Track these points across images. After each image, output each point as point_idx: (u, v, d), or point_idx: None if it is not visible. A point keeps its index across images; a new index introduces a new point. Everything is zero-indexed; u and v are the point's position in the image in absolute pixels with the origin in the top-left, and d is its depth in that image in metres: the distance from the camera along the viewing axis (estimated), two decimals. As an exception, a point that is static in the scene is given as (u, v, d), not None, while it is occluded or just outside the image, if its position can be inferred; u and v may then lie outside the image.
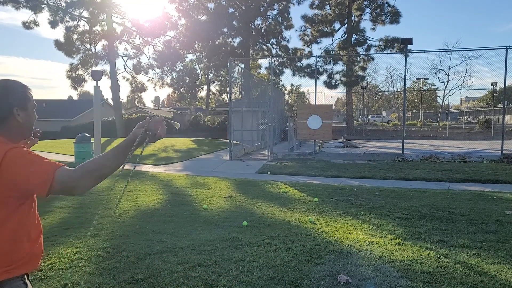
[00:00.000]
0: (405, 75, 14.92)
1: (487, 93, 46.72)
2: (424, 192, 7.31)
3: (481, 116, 47.10)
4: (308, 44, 30.64)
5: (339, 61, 29.34)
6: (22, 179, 1.39)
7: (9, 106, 1.51)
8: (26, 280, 1.53)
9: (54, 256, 3.89)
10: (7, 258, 1.45)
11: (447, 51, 45.31)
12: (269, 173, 10.25)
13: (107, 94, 67.40)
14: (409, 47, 15.64)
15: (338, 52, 29.97)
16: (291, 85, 56.48)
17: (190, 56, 43.23)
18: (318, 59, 26.23)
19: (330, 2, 30.38)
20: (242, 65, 20.73)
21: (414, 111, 53.46)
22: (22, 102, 1.57)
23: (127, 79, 32.41)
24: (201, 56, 38.43)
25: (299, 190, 7.59)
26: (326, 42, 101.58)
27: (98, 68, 29.04)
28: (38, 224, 1.60)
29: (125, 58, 31.14)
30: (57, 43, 27.83)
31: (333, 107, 26.78)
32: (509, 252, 4.01)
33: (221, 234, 4.65)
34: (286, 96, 44.85)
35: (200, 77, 54.60)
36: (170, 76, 34.89)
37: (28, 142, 1.99)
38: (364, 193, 7.25)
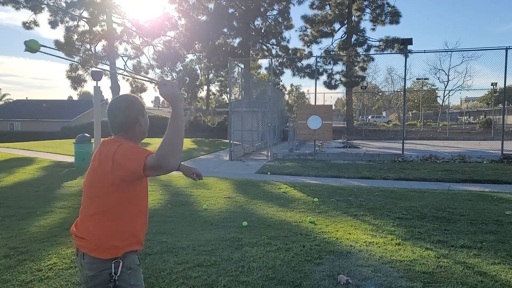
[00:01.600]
0: (405, 75, 14.92)
1: (487, 93, 46.72)
2: (424, 193, 7.30)
3: (481, 116, 47.09)
4: (308, 44, 30.65)
5: (339, 62, 29.34)
6: (126, 163, 1.70)
7: (136, 115, 1.86)
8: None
9: (54, 256, 3.89)
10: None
11: (447, 51, 45.27)
12: (269, 173, 10.25)
13: (107, 94, 67.31)
14: (409, 47, 15.64)
15: (338, 52, 29.97)
16: (291, 85, 56.47)
17: (190, 56, 43.19)
18: (318, 59, 26.24)
19: (330, 2, 30.38)
20: (242, 65, 20.72)
21: (414, 111, 53.44)
22: (142, 111, 1.89)
23: (127, 79, 32.44)
24: (201, 56, 38.40)
25: (299, 190, 7.59)
26: (326, 42, 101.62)
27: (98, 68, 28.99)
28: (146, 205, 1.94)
29: (125, 58, 31.18)
30: (57, 43, 27.83)
31: (333, 107, 26.79)
32: (509, 252, 4.01)
33: (221, 234, 4.65)
34: (286, 97, 44.86)
35: (200, 77, 54.59)
36: (170, 76, 34.91)
37: None
38: (364, 193, 7.24)
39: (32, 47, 1.73)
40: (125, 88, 39.30)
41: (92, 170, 1.82)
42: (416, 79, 46.10)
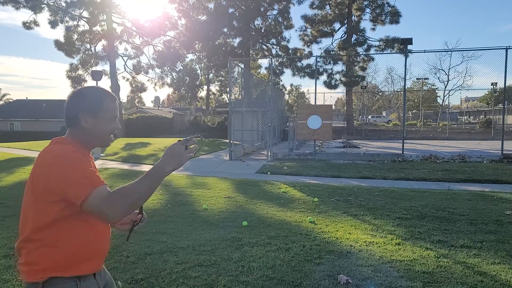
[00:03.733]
0: (405, 75, 14.91)
1: (487, 93, 46.70)
2: (424, 192, 7.30)
3: (481, 116, 47.10)
4: (308, 44, 30.65)
5: (339, 61, 29.34)
6: (57, 183, 1.41)
7: (77, 111, 1.55)
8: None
9: (54, 256, 3.89)
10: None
11: (447, 51, 45.28)
12: (269, 173, 10.25)
13: (107, 94, 67.04)
14: (409, 47, 15.63)
15: (338, 52, 29.97)
16: (291, 85, 56.55)
17: (190, 56, 43.19)
18: (318, 59, 26.22)
19: (330, 2, 30.38)
20: (242, 65, 20.72)
21: (414, 111, 53.44)
22: (92, 109, 1.56)
23: (127, 79, 32.44)
24: (201, 56, 38.39)
25: (299, 190, 7.59)
26: (326, 42, 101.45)
27: (98, 68, 29.04)
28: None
29: (125, 58, 31.18)
30: (57, 43, 27.85)
31: (333, 107, 26.78)
32: (509, 252, 4.01)
33: (221, 234, 4.65)
34: (286, 96, 44.88)
35: (200, 77, 54.61)
36: (170, 76, 35.00)
37: None
38: (364, 193, 7.24)
39: None
40: (125, 88, 39.30)
41: (30, 179, 1.51)
42: (416, 79, 46.22)
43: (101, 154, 14.18)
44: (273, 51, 29.74)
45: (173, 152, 1.48)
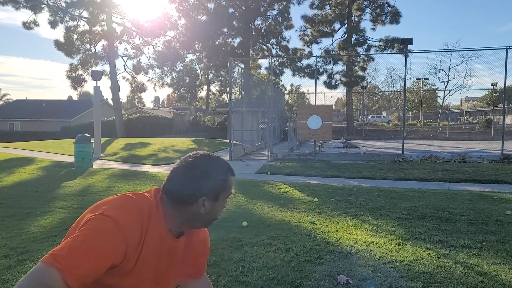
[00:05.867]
0: (405, 75, 14.90)
1: (487, 93, 46.64)
2: (424, 192, 7.30)
3: (481, 116, 47.06)
4: (308, 44, 30.65)
5: (339, 61, 29.33)
6: None
7: (198, 192, 1.27)
8: None
9: (54, 256, 3.88)
10: None
11: (447, 51, 45.24)
12: (269, 173, 10.24)
13: (107, 94, 67.34)
14: (409, 47, 15.62)
15: (338, 52, 29.97)
16: (291, 85, 56.54)
17: (190, 56, 43.16)
18: (318, 59, 26.24)
19: (330, 2, 30.38)
20: (242, 65, 20.71)
21: (414, 111, 53.41)
22: (216, 193, 1.31)
23: (127, 79, 32.42)
24: (201, 56, 38.41)
25: (299, 190, 7.58)
26: (326, 42, 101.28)
27: (98, 68, 29.05)
28: None
29: (125, 58, 31.17)
30: (57, 43, 27.84)
31: (333, 107, 26.78)
32: (509, 253, 4.00)
33: (221, 234, 4.64)
34: (286, 96, 44.88)
35: (200, 77, 54.60)
36: (170, 76, 34.95)
37: None
38: (364, 193, 7.24)
39: None
40: (125, 88, 39.27)
41: None
42: (416, 79, 46.08)
43: (101, 154, 14.18)
44: (273, 51, 29.76)
45: None
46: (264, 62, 49.35)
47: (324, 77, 29.29)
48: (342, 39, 30.48)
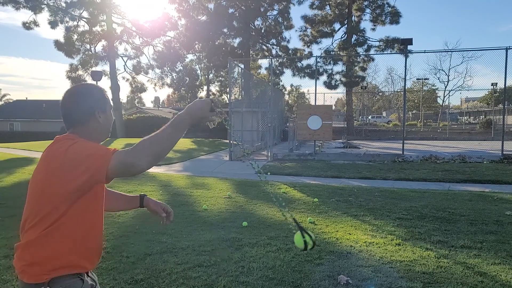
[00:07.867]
0: (405, 76, 14.91)
1: (487, 93, 46.68)
2: (424, 193, 7.30)
3: (481, 116, 47.06)
4: (308, 44, 30.65)
5: (339, 62, 29.34)
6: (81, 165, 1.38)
7: (91, 108, 1.57)
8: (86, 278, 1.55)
9: (54, 256, 3.88)
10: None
11: (447, 51, 45.28)
12: (269, 173, 10.24)
13: (107, 94, 67.18)
14: (409, 47, 15.64)
15: (338, 52, 29.98)
16: (291, 85, 56.42)
17: (190, 57, 43.09)
18: (318, 59, 26.25)
19: (330, 2, 30.39)
20: (242, 66, 20.72)
21: (414, 112, 53.47)
22: (103, 105, 1.61)
23: (127, 80, 32.40)
24: (201, 57, 38.38)
25: (299, 191, 7.58)
26: (326, 42, 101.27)
27: (98, 68, 29.04)
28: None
29: (125, 59, 31.14)
30: (57, 44, 27.83)
31: (333, 107, 26.80)
32: (509, 253, 4.00)
33: (221, 234, 4.64)
34: (286, 97, 44.84)
35: (200, 78, 54.59)
36: (170, 77, 34.83)
37: None
38: (364, 193, 7.24)
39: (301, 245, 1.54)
40: (125, 88, 39.27)
41: (37, 174, 1.49)
42: (416, 79, 46.13)
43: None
44: (273, 52, 29.74)
45: (201, 105, 1.47)
46: (264, 62, 49.33)
47: (324, 77, 29.34)
48: (342, 39, 30.51)
